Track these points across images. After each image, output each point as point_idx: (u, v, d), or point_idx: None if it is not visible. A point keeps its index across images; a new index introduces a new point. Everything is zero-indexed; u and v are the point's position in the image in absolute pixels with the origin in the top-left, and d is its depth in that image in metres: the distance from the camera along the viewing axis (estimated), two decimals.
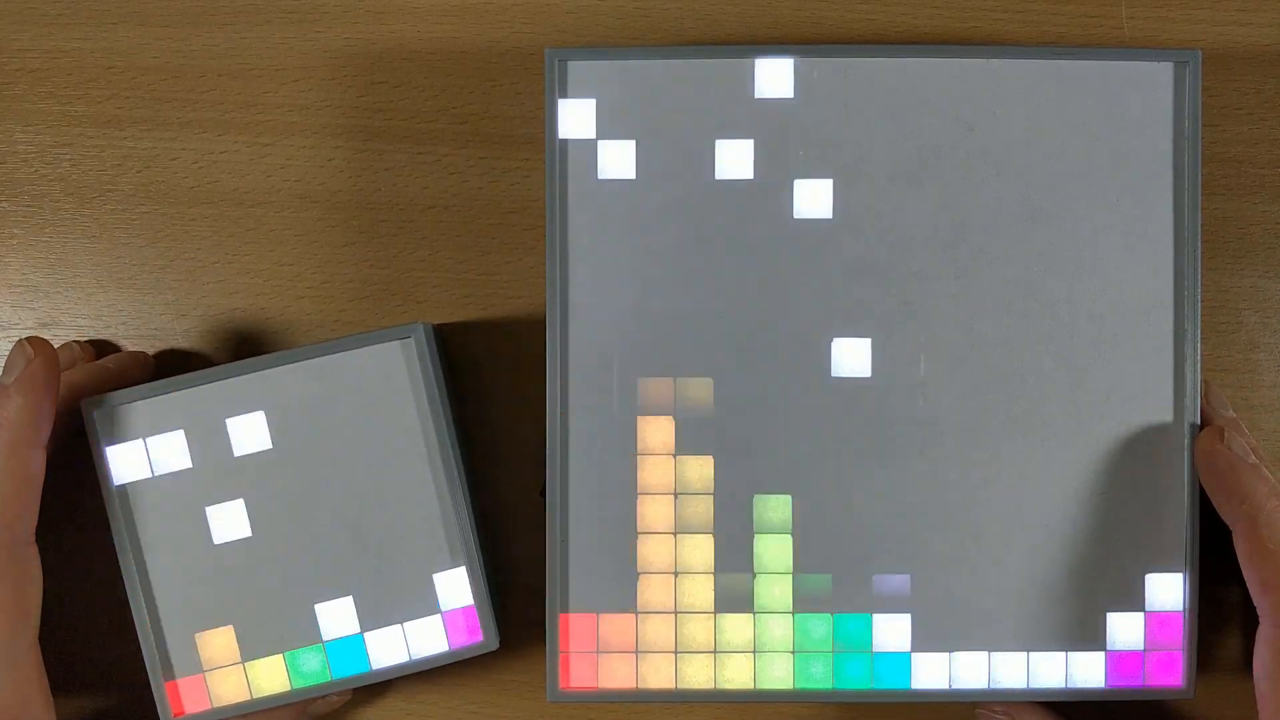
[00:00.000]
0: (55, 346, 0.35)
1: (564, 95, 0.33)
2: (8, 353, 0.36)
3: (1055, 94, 0.33)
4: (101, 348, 0.36)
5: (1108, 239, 0.33)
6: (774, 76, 0.33)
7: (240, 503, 0.32)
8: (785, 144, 0.33)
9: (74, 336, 0.36)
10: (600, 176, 0.33)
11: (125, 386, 0.33)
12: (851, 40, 0.36)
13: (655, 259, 0.33)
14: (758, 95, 0.33)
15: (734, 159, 0.33)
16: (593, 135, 0.33)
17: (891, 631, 0.33)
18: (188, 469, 0.32)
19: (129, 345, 0.36)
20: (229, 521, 0.32)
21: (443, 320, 0.36)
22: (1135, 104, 0.33)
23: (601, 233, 0.33)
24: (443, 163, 0.36)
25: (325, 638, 0.32)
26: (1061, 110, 0.33)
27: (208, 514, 0.32)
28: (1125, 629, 0.33)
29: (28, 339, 0.30)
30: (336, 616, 0.32)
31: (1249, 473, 0.31)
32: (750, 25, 0.36)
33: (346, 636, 0.32)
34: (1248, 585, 0.31)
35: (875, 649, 0.33)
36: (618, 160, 0.33)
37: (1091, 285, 0.33)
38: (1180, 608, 0.33)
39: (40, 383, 0.30)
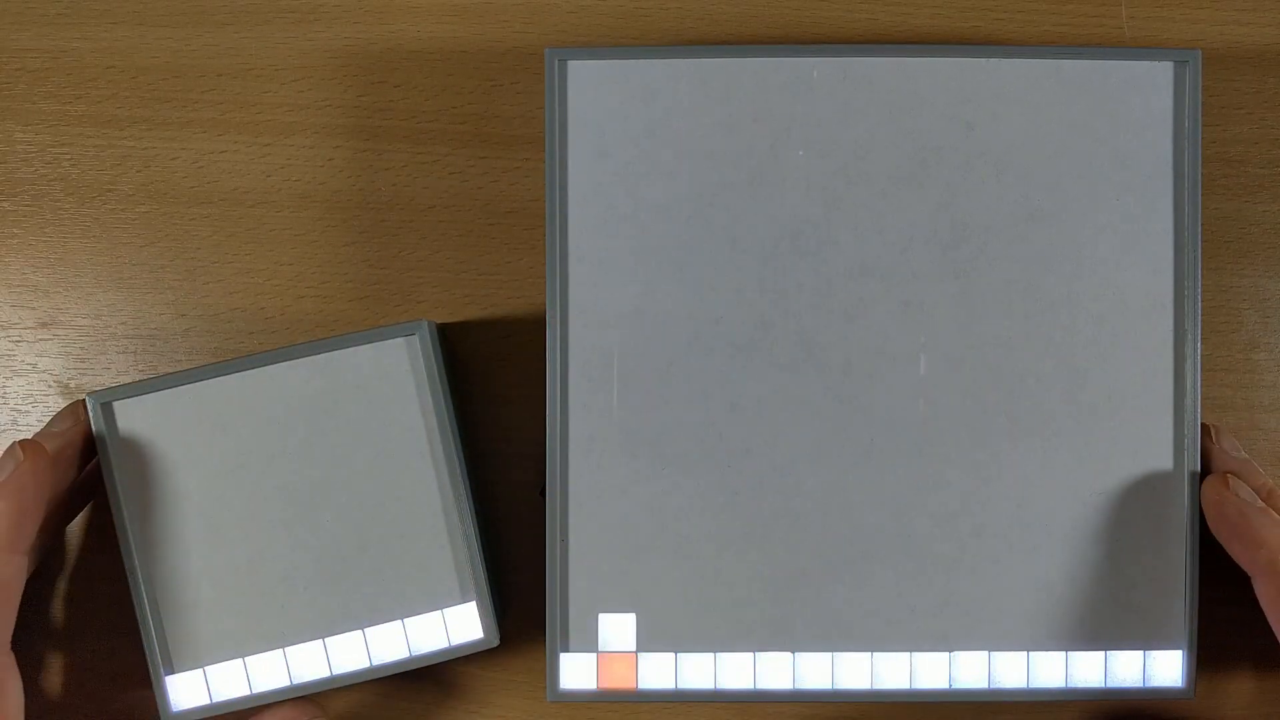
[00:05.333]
0: (66, 410, 0.33)
1: (565, 96, 0.33)
2: (6, 352, 0.36)
3: (1055, 94, 0.33)
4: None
5: (1108, 239, 0.33)
6: (774, 76, 0.33)
7: (243, 498, 0.32)
8: (785, 143, 0.33)
9: (74, 336, 0.36)
10: (601, 176, 0.33)
11: (87, 443, 0.32)
12: (851, 40, 0.36)
13: (655, 258, 0.33)
14: (757, 95, 0.33)
15: (734, 159, 0.33)
16: (596, 138, 0.33)
17: (891, 631, 0.33)
18: (191, 463, 0.32)
19: (129, 345, 0.36)
20: (231, 517, 0.32)
21: (443, 320, 0.36)
22: (1135, 104, 0.33)
23: (601, 232, 0.33)
24: (443, 163, 0.36)
25: (325, 633, 0.32)
26: (1061, 110, 0.33)
27: (211, 509, 0.32)
28: (1126, 629, 0.33)
29: (21, 442, 0.30)
30: (337, 612, 0.32)
31: (1260, 517, 0.30)
32: (750, 25, 0.36)
33: (346, 632, 0.32)
34: (1274, 629, 0.30)
35: (875, 649, 0.33)
36: (619, 161, 0.33)
37: (1091, 285, 0.33)
38: (1181, 608, 0.33)
39: (27, 488, 0.29)
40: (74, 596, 0.36)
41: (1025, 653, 0.33)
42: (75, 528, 0.35)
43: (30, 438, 0.31)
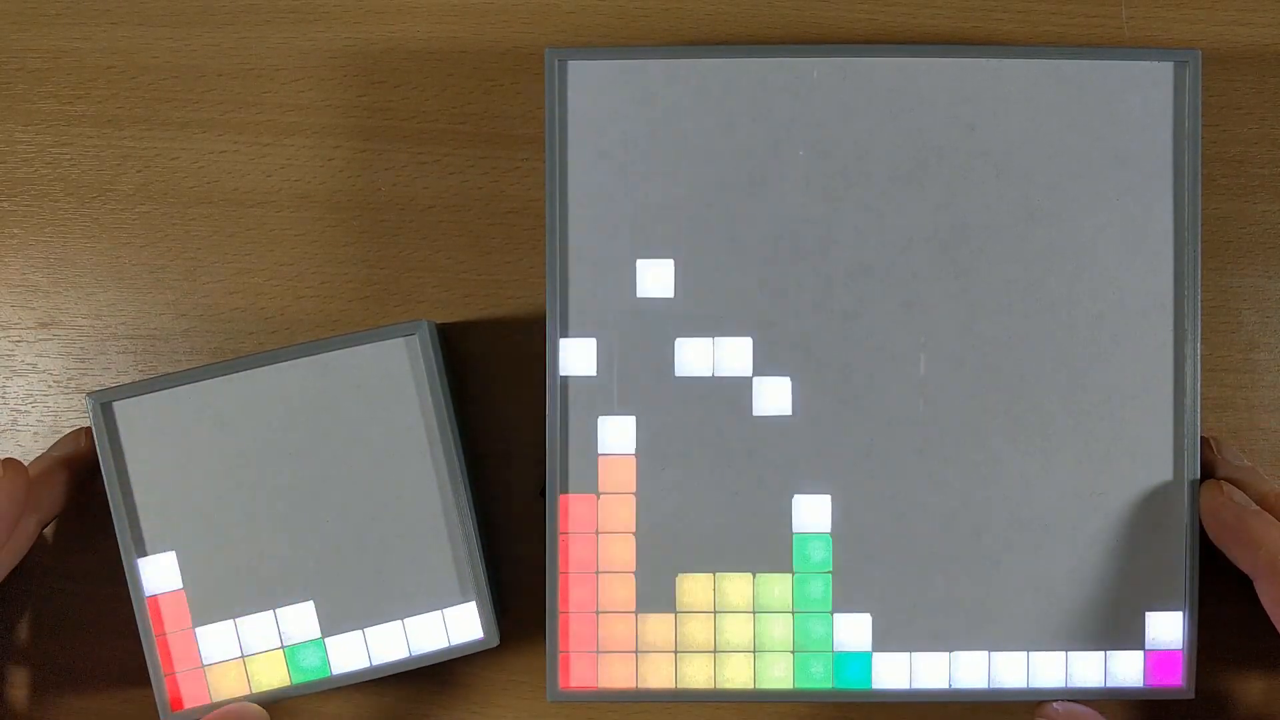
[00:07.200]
0: (70, 434, 0.34)
1: (565, 96, 0.33)
2: (6, 352, 0.36)
3: (1055, 94, 0.33)
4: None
5: (1108, 238, 0.33)
6: (774, 76, 0.33)
7: (243, 497, 0.32)
8: (785, 143, 0.33)
9: (74, 336, 0.36)
10: (601, 176, 0.33)
11: (79, 470, 0.33)
12: (851, 40, 0.36)
13: (655, 257, 0.33)
14: (758, 95, 0.33)
15: (734, 159, 0.33)
16: (596, 138, 0.33)
17: (893, 631, 0.33)
18: (190, 464, 0.32)
19: (129, 345, 0.36)
20: (231, 518, 0.32)
21: (443, 320, 0.36)
22: (1135, 104, 0.33)
23: (602, 232, 0.33)
24: (443, 163, 0.36)
25: (325, 633, 0.32)
26: (1061, 110, 0.33)
27: (210, 508, 0.32)
28: (1125, 628, 0.33)
29: (4, 460, 0.31)
30: (337, 612, 0.32)
31: (1256, 519, 0.30)
32: (750, 25, 0.36)
33: (347, 632, 0.32)
34: (1278, 629, 0.30)
35: (875, 649, 0.33)
36: (619, 161, 0.33)
37: (1091, 285, 0.33)
38: (1180, 607, 0.33)
39: None
40: (72, 596, 0.36)
41: (1025, 653, 0.33)
42: (74, 528, 0.35)
43: (14, 458, 0.31)
